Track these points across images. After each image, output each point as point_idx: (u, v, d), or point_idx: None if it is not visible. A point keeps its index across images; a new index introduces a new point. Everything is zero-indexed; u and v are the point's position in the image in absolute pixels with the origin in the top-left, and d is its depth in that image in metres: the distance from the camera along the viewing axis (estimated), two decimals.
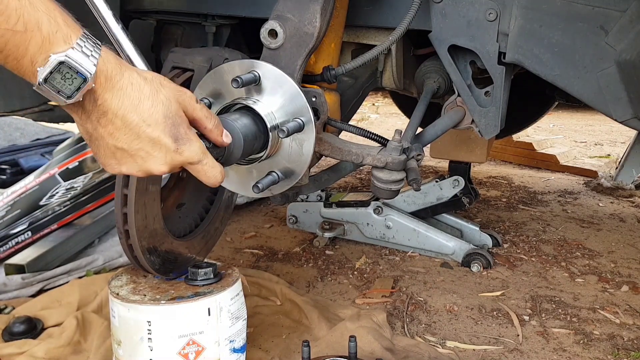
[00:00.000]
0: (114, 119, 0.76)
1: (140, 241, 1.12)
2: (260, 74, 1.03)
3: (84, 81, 0.72)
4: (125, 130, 0.77)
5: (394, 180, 1.23)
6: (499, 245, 2.24)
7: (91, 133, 0.79)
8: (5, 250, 1.92)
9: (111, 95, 0.76)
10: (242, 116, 1.01)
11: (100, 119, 0.76)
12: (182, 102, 0.83)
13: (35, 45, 0.68)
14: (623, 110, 1.18)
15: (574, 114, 5.97)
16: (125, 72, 0.77)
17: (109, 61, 0.75)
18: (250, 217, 2.54)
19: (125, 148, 0.79)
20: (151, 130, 0.78)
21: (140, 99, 0.77)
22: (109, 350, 1.32)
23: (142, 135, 0.78)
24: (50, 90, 0.71)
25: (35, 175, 2.10)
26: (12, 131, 3.06)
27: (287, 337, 1.51)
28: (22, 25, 0.67)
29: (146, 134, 0.78)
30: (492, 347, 1.53)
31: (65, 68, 0.70)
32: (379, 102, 6.50)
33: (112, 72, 0.75)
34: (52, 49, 0.70)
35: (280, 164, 1.08)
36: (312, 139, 1.05)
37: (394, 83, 1.53)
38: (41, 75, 0.70)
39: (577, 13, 1.17)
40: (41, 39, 0.69)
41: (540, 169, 3.71)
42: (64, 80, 0.71)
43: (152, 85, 0.79)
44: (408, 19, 1.18)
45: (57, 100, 0.73)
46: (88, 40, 0.73)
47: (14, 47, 0.68)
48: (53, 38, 0.69)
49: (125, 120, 0.77)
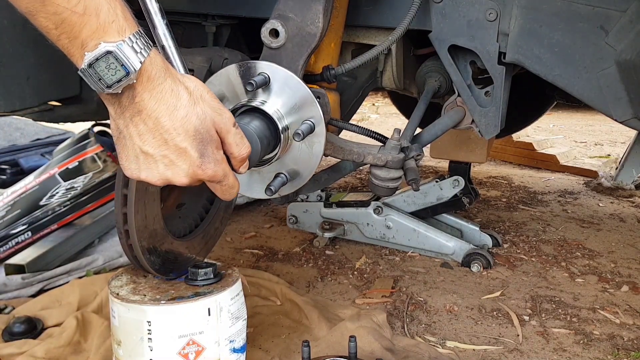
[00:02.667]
0: (147, 119, 0.77)
1: (140, 241, 1.12)
2: (269, 76, 1.03)
3: (126, 75, 0.73)
4: (155, 134, 0.78)
5: (391, 178, 1.23)
6: (499, 245, 2.24)
7: (121, 130, 0.79)
8: (5, 250, 1.92)
9: (149, 95, 0.76)
10: (253, 119, 1.01)
11: (133, 117, 0.77)
12: (217, 122, 0.83)
13: (89, 30, 0.70)
14: (623, 110, 1.19)
15: (574, 114, 5.97)
16: (168, 77, 0.78)
17: (156, 63, 0.76)
18: (250, 217, 2.54)
19: (150, 152, 0.79)
20: (180, 140, 0.79)
21: (177, 106, 0.78)
22: (109, 350, 1.32)
23: (170, 143, 0.79)
24: (92, 76, 0.72)
25: (35, 175, 2.10)
26: (12, 131, 3.06)
27: (287, 337, 1.51)
28: (82, 8, 0.69)
29: (175, 142, 0.79)
30: (492, 347, 1.53)
31: (112, 58, 0.71)
32: (379, 102, 6.50)
33: (156, 75, 0.76)
34: (104, 37, 0.71)
35: (288, 165, 1.08)
36: (323, 140, 1.05)
37: (394, 83, 1.53)
38: (87, 59, 0.71)
39: (577, 13, 1.17)
40: (96, 25, 0.70)
41: (540, 169, 3.71)
42: (108, 69, 0.72)
43: (191, 97, 0.80)
44: (408, 19, 1.18)
45: (97, 88, 0.74)
46: (141, 38, 0.74)
47: (68, 26, 0.69)
48: (108, 27, 0.71)
49: (158, 123, 0.77)
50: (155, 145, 0.79)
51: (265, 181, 1.09)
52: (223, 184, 0.86)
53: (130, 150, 0.80)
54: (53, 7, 0.68)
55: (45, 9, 0.68)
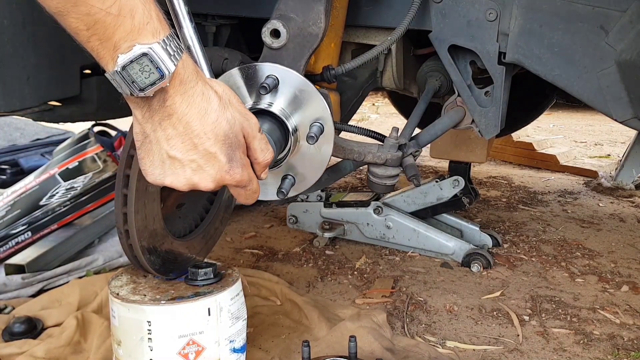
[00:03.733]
0: (177, 123, 0.76)
1: (140, 241, 1.12)
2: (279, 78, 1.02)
3: (160, 78, 0.71)
4: (185, 138, 0.77)
5: (388, 175, 1.24)
6: (499, 245, 2.24)
7: (148, 134, 0.78)
8: (5, 250, 1.92)
9: (181, 99, 0.75)
10: (263, 122, 1.01)
11: (163, 121, 0.76)
12: (245, 127, 0.83)
13: (124, 32, 0.68)
14: (623, 110, 1.19)
15: (574, 114, 5.97)
16: (200, 81, 0.77)
17: (188, 67, 0.75)
18: (250, 217, 2.54)
19: (178, 157, 0.78)
20: (210, 145, 0.78)
21: (207, 111, 0.77)
22: (109, 350, 1.32)
23: (200, 147, 0.78)
24: (124, 79, 0.70)
25: (35, 175, 2.10)
26: (12, 131, 3.06)
27: (287, 337, 1.51)
28: (117, 9, 0.67)
29: (204, 146, 0.78)
30: (492, 347, 1.53)
31: (147, 60, 0.70)
32: (379, 102, 6.50)
33: (188, 78, 0.75)
34: (138, 38, 0.69)
35: (296, 166, 1.08)
36: (331, 142, 1.05)
37: (394, 83, 1.53)
38: (121, 61, 0.69)
39: (577, 13, 1.17)
40: (131, 26, 0.69)
41: (540, 169, 3.70)
42: (142, 72, 0.70)
43: (221, 101, 0.79)
44: (408, 19, 1.18)
45: (128, 91, 0.72)
46: (174, 40, 0.73)
47: (102, 28, 0.67)
48: (143, 29, 0.69)
49: (188, 127, 0.76)
50: (183, 150, 0.77)
51: (273, 183, 1.09)
52: (247, 189, 0.86)
53: (157, 155, 0.78)
54: (86, 7, 0.66)
55: (77, 9, 0.66)
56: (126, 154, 1.09)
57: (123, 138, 2.40)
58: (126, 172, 1.09)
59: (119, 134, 2.46)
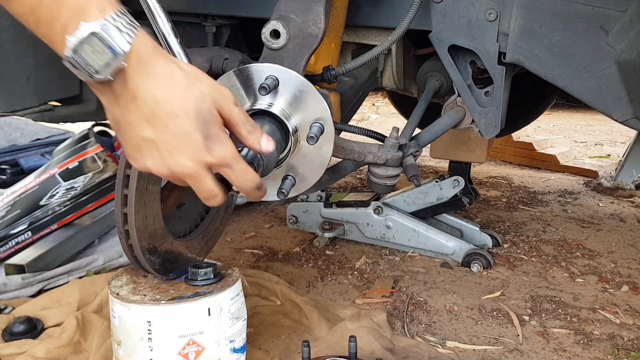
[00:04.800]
0: (143, 106, 0.72)
1: (140, 241, 1.12)
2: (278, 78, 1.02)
3: (114, 57, 0.67)
4: (154, 120, 0.73)
5: (389, 175, 1.24)
6: (499, 245, 2.24)
7: (118, 119, 0.74)
8: (5, 250, 1.92)
9: (143, 80, 0.71)
10: (263, 123, 1.01)
11: (128, 104, 0.72)
12: (218, 101, 0.77)
13: (68, 10, 0.64)
14: (623, 110, 1.19)
15: (574, 114, 5.97)
16: (161, 58, 0.72)
17: (145, 44, 0.70)
18: (250, 217, 2.54)
19: (152, 138, 0.73)
20: (181, 122, 0.73)
21: (174, 88, 0.73)
22: (109, 350, 1.32)
23: (171, 126, 0.73)
24: (78, 63, 0.66)
25: (35, 175, 2.10)
26: (12, 131, 3.06)
27: (287, 337, 1.51)
28: None
29: (176, 125, 0.73)
30: (492, 347, 1.53)
31: (96, 40, 0.66)
32: (379, 102, 6.50)
33: (147, 56, 0.71)
34: (84, 17, 0.65)
35: (296, 167, 1.08)
36: (332, 142, 1.05)
37: (394, 83, 1.53)
38: (70, 44, 0.65)
39: (577, 13, 1.17)
40: (75, 4, 0.65)
41: (540, 169, 3.71)
42: (94, 53, 0.66)
43: (188, 78, 0.74)
44: (408, 19, 1.18)
45: (85, 76, 0.68)
46: (125, 16, 0.68)
47: (46, 9, 0.64)
48: (88, 5, 0.65)
49: (155, 108, 0.72)
50: (155, 132, 0.73)
51: (273, 183, 1.09)
52: (235, 169, 0.78)
53: (132, 140, 0.75)
54: None
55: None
56: None
57: None
58: (126, 172, 1.09)
59: None
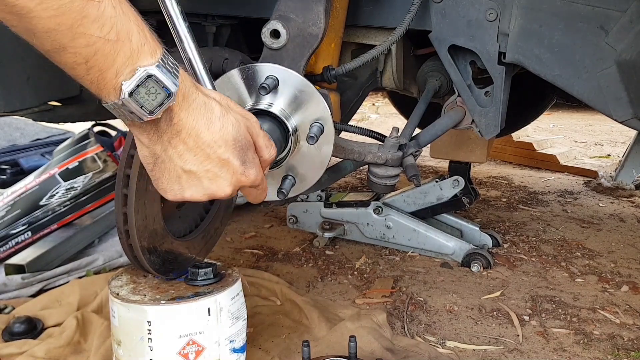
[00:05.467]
0: (187, 138, 0.75)
1: (140, 241, 1.12)
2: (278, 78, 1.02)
3: (167, 97, 0.69)
4: (197, 151, 0.76)
5: (389, 175, 1.24)
6: (499, 245, 2.24)
7: (159, 155, 0.77)
8: (5, 250, 1.92)
9: (186, 114, 0.74)
10: (263, 123, 1.01)
11: (172, 139, 0.75)
12: (249, 127, 0.82)
13: (123, 57, 0.66)
14: (623, 110, 1.19)
15: (574, 114, 5.97)
16: (199, 92, 0.76)
17: (187, 80, 0.74)
18: (250, 217, 2.54)
19: (193, 170, 0.78)
20: (222, 152, 0.77)
21: (212, 119, 0.76)
22: (109, 350, 1.32)
23: (213, 156, 0.77)
24: (131, 106, 0.68)
25: (35, 175, 2.10)
26: (12, 131, 3.06)
27: (287, 337, 1.51)
28: (115, 35, 0.64)
29: (217, 154, 0.77)
30: (492, 347, 1.53)
31: (152, 82, 0.68)
32: (379, 102, 6.50)
33: (189, 91, 0.74)
34: (139, 61, 0.67)
35: (296, 167, 1.08)
36: (332, 142, 1.05)
37: (394, 83, 1.53)
38: (127, 88, 0.67)
39: (577, 13, 1.17)
40: (130, 50, 0.66)
41: (540, 169, 3.71)
42: (148, 95, 0.68)
43: (221, 107, 0.78)
44: (408, 19, 1.18)
45: (134, 117, 0.70)
46: (170, 56, 0.71)
47: (102, 57, 0.64)
48: (141, 50, 0.67)
49: (198, 140, 0.76)
50: (197, 162, 0.77)
51: (274, 183, 1.09)
52: (259, 188, 0.86)
53: (172, 173, 0.78)
54: (85, 39, 0.62)
55: (75, 42, 0.62)
56: (126, 154, 1.09)
57: (123, 138, 2.40)
58: (126, 172, 1.09)
59: (119, 134, 2.46)
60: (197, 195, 0.80)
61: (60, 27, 0.60)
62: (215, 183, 0.80)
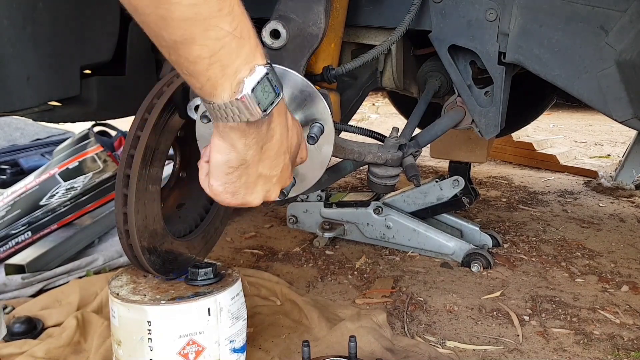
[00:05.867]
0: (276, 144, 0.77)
1: (140, 241, 1.12)
2: None
3: (276, 96, 0.70)
4: (276, 157, 0.78)
5: (389, 175, 1.24)
6: (499, 245, 2.24)
7: (247, 160, 0.76)
8: (5, 250, 1.92)
9: (278, 119, 0.75)
10: None
11: (265, 144, 0.75)
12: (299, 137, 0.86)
13: (245, 55, 0.66)
14: (623, 110, 1.19)
15: (574, 114, 5.97)
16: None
17: None
18: (250, 217, 2.54)
19: (265, 174, 0.79)
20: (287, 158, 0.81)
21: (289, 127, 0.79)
22: (109, 350, 1.32)
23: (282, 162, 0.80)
24: (250, 102, 0.68)
25: (35, 175, 2.10)
26: (12, 131, 3.06)
27: (287, 337, 1.51)
28: (240, 32, 0.65)
29: (285, 161, 0.80)
30: (492, 347, 1.53)
31: (266, 81, 0.69)
32: (379, 102, 6.50)
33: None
34: (255, 60, 0.68)
35: (296, 167, 1.08)
36: (332, 142, 1.05)
37: (394, 83, 1.53)
38: (250, 84, 0.67)
39: (577, 13, 1.17)
40: (249, 49, 0.67)
41: (540, 169, 3.71)
42: (263, 93, 0.69)
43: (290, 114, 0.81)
44: (408, 19, 1.18)
45: (242, 118, 0.69)
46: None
47: (227, 52, 0.65)
48: (256, 50, 0.68)
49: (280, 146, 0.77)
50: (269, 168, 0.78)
51: None
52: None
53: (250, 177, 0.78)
54: (216, 32, 0.62)
55: (207, 34, 0.62)
56: (126, 154, 1.09)
57: (123, 138, 2.40)
58: (126, 172, 1.09)
59: (119, 134, 2.46)
60: (257, 200, 0.81)
61: (197, 17, 0.61)
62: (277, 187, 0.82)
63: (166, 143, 1.16)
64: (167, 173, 1.28)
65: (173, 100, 1.11)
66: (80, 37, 1.29)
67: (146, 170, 1.11)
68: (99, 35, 1.35)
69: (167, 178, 1.33)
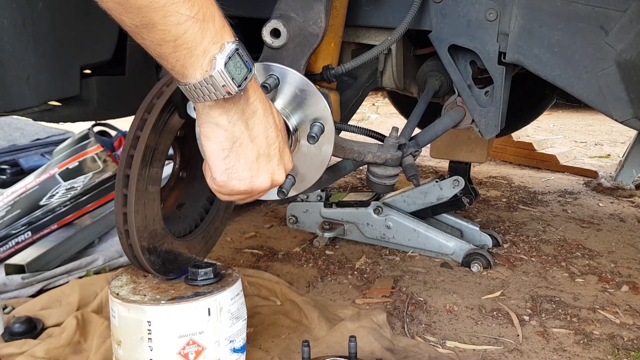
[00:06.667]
0: (262, 119, 0.79)
1: (140, 241, 1.12)
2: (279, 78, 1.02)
3: (249, 71, 0.74)
4: (268, 133, 0.80)
5: (388, 175, 1.24)
6: (499, 245, 2.24)
7: (237, 137, 0.78)
8: (5, 250, 1.92)
9: (258, 95, 0.78)
10: None
11: (249, 119, 0.78)
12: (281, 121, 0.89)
13: (209, 35, 0.70)
14: (623, 110, 1.18)
15: (574, 114, 5.97)
16: None
17: None
18: (250, 217, 2.54)
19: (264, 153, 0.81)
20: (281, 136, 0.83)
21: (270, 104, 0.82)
22: (109, 350, 1.32)
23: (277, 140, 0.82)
24: (224, 78, 0.71)
25: (35, 175, 2.10)
26: (12, 131, 3.06)
27: (287, 337, 1.51)
28: (202, 15, 0.68)
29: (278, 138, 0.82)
30: (492, 347, 1.53)
31: (237, 56, 0.72)
32: (379, 102, 6.50)
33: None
34: (224, 39, 0.71)
35: (296, 166, 1.07)
36: (332, 141, 1.05)
37: (394, 83, 1.53)
38: (221, 60, 0.71)
39: (577, 13, 1.17)
40: (214, 30, 0.70)
41: (540, 169, 3.71)
42: (235, 69, 0.72)
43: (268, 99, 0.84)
44: (408, 19, 1.18)
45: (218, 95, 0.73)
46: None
47: (191, 35, 0.68)
48: (223, 30, 0.72)
49: (268, 122, 0.80)
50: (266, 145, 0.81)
51: None
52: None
53: (248, 157, 0.80)
54: (175, 17, 0.66)
55: (166, 20, 0.66)
56: (126, 154, 1.09)
57: (123, 138, 2.40)
58: (126, 172, 1.09)
59: (119, 134, 2.46)
60: (265, 182, 0.83)
61: (153, 4, 0.64)
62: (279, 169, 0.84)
63: (166, 143, 1.16)
64: (167, 173, 1.28)
65: (173, 100, 1.11)
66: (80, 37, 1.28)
67: (146, 170, 1.11)
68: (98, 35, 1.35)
69: (167, 178, 1.33)
